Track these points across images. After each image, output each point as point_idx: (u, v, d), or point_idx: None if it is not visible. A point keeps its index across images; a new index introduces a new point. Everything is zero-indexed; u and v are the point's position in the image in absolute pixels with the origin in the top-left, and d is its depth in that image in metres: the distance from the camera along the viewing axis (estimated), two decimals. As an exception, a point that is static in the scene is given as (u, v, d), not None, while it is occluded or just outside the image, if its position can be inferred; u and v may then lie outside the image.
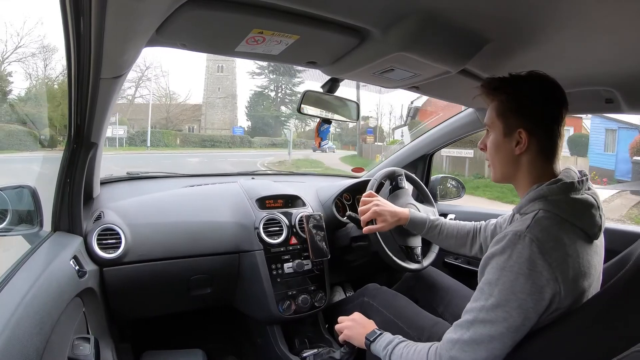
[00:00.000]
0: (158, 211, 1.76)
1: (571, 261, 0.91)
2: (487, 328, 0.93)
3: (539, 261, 0.88)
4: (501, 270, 0.92)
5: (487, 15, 0.93)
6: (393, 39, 1.01)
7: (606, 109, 1.56)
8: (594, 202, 0.98)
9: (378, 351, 1.18)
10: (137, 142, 27.80)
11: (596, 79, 1.34)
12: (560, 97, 1.01)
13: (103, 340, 1.43)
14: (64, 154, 1.35)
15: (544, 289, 0.89)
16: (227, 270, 1.80)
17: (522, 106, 1.02)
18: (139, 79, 29.83)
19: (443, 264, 2.23)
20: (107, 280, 1.52)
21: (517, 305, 0.90)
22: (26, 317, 0.86)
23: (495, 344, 0.93)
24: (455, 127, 2.17)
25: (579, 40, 1.03)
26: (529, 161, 1.04)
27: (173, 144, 30.67)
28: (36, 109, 21.15)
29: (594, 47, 1.07)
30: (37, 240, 1.28)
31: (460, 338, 0.97)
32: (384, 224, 1.55)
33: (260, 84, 38.57)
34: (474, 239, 1.49)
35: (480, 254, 1.45)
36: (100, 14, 0.77)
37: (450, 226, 1.55)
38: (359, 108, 1.73)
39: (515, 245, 0.91)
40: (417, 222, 1.57)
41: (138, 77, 29.93)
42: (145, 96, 31.64)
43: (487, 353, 0.93)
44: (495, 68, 1.28)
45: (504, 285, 0.91)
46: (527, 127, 1.02)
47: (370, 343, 1.22)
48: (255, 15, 0.91)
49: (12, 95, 23.52)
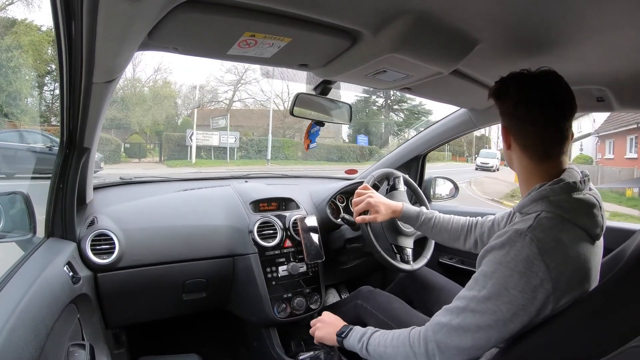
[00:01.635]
0: (152, 216, 1.76)
1: (571, 262, 0.91)
2: (476, 318, 0.94)
3: (536, 262, 0.89)
4: (497, 265, 0.93)
5: (477, 16, 0.94)
6: (384, 40, 1.01)
7: (598, 107, 1.57)
8: (595, 202, 0.99)
9: (353, 346, 1.19)
10: (251, 153, 21.52)
11: (587, 77, 1.35)
12: (535, 97, 0.99)
13: (98, 346, 1.42)
14: (56, 159, 1.34)
15: (537, 290, 0.89)
16: (222, 274, 1.79)
17: (502, 106, 1.05)
18: (237, 82, 25.66)
19: (438, 264, 2.24)
20: (102, 286, 1.51)
21: (508, 301, 0.90)
22: (20, 325, 0.85)
23: (481, 334, 0.94)
24: (449, 128, 2.19)
25: (569, 40, 1.04)
26: (517, 159, 1.06)
27: (294, 156, 23.64)
28: (122, 112, 20.15)
29: (585, 46, 1.08)
30: (31, 246, 1.27)
31: (448, 323, 0.98)
32: (377, 215, 1.58)
33: (366, 90, 35.70)
34: (468, 233, 1.50)
35: (474, 249, 1.47)
36: (91, 17, 0.77)
37: (444, 220, 1.56)
38: (351, 110, 1.73)
39: (515, 243, 0.92)
40: (410, 215, 1.59)
41: (237, 79, 25.62)
42: (244, 100, 27.00)
43: (472, 342, 0.95)
44: (488, 69, 1.29)
45: (498, 280, 0.92)
46: (505, 125, 1.06)
47: (342, 339, 1.23)
48: (247, 18, 0.91)
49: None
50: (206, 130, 19.75)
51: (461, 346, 0.97)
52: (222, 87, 26.06)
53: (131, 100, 21.25)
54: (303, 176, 2.84)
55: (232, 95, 25.90)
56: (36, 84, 16.42)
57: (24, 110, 14.65)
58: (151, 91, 22.44)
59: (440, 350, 0.99)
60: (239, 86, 25.76)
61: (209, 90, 25.11)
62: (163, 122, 21.71)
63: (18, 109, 14.07)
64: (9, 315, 0.84)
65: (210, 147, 19.65)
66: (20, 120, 13.56)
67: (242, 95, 26.44)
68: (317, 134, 1.71)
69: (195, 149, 18.79)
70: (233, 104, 26.12)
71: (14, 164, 10.28)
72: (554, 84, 0.99)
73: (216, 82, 25.91)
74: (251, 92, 27.93)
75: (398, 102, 31.73)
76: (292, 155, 23.48)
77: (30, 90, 15.98)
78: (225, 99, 26.07)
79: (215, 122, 20.58)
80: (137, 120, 20.26)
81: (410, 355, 1.04)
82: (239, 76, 25.15)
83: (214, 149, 19.76)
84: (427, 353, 1.01)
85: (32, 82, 16.11)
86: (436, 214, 1.58)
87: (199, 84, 24.88)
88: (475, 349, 0.97)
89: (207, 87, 25.09)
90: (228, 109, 24.77)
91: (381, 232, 1.75)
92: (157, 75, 23.67)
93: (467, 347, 0.96)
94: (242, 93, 26.43)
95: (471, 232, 1.49)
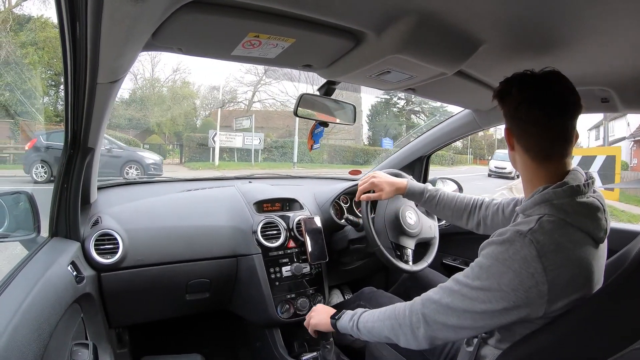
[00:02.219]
0: (155, 216, 1.76)
1: (572, 265, 0.90)
2: (465, 303, 0.95)
3: (533, 263, 0.88)
4: (494, 260, 0.93)
5: (481, 16, 0.93)
6: (388, 41, 1.01)
7: (602, 108, 1.57)
8: (599, 206, 0.98)
9: (345, 326, 1.21)
10: (276, 155, 20.41)
11: (591, 78, 1.34)
12: (537, 98, 0.99)
13: (101, 346, 1.43)
14: (60, 159, 1.35)
15: (531, 290, 0.88)
16: (225, 274, 1.79)
17: (505, 107, 1.05)
18: (257, 83, 24.51)
19: (441, 265, 2.23)
20: (105, 285, 1.51)
21: (500, 297, 0.90)
22: (24, 324, 0.86)
23: (467, 317, 0.95)
24: (453, 129, 2.18)
25: (573, 41, 1.04)
26: (520, 160, 1.06)
27: (319, 159, 22.15)
28: (141, 112, 19.91)
29: (588, 48, 1.08)
30: (35, 246, 1.28)
31: (439, 300, 1.00)
32: (381, 193, 1.60)
33: (387, 92, 34.84)
34: (472, 213, 1.49)
35: (476, 229, 1.48)
36: (95, 18, 0.77)
37: (448, 197, 1.56)
38: (355, 111, 1.73)
39: (514, 242, 0.91)
40: (414, 191, 1.60)
41: (257, 80, 24.31)
42: (263, 101, 25.50)
43: (458, 321, 0.96)
44: (492, 69, 1.28)
45: (493, 275, 0.92)
46: (508, 126, 1.06)
47: (335, 321, 1.25)
48: (251, 19, 0.91)
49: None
50: (228, 131, 19.11)
51: (447, 323, 0.98)
52: (242, 87, 25.57)
53: (150, 100, 21.08)
54: (307, 177, 2.84)
55: (251, 95, 25.19)
56: (52, 82, 16.42)
57: (38, 109, 14.66)
58: (170, 91, 22.17)
59: (426, 322, 1.01)
60: (258, 87, 25.03)
61: (228, 91, 24.60)
62: (182, 123, 21.41)
63: (33, 108, 14.09)
64: (13, 314, 0.85)
65: (233, 149, 19.04)
66: (35, 120, 13.59)
67: (262, 96, 25.46)
68: (321, 135, 1.71)
69: (218, 151, 18.22)
70: (252, 105, 25.36)
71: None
72: (556, 84, 0.98)
73: (236, 82, 25.39)
74: (271, 92, 26.67)
75: (419, 104, 31.16)
76: (317, 158, 22.21)
77: (47, 88, 16.02)
78: (245, 100, 25.39)
79: (239, 122, 20.01)
80: (155, 120, 20.03)
81: (395, 326, 1.06)
82: (259, 77, 24.34)
83: (237, 150, 19.21)
84: (411, 325, 1.03)
85: (48, 80, 16.13)
86: (441, 191, 1.59)
87: (219, 85, 24.48)
88: (461, 328, 0.97)
89: (227, 88, 24.63)
90: (248, 110, 24.22)
91: (383, 229, 1.75)
92: (176, 75, 23.34)
93: (452, 325, 0.97)
94: (262, 94, 25.34)
95: (475, 212, 1.49)
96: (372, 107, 29.58)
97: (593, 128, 20.20)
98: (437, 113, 29.97)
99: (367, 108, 29.56)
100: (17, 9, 14.67)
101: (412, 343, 1.04)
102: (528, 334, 0.96)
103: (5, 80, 12.75)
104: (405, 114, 31.52)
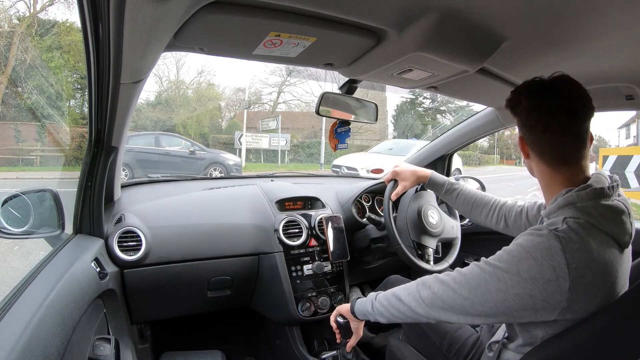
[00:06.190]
0: (178, 214, 1.78)
1: (595, 268, 0.88)
2: (482, 277, 0.97)
3: (557, 257, 0.87)
4: (519, 246, 0.93)
5: (503, 13, 0.92)
6: (409, 38, 1.00)
7: (627, 105, 1.53)
8: (624, 209, 0.95)
9: (365, 304, 1.27)
10: (302, 157, 20.29)
11: (615, 75, 1.31)
12: (545, 105, 0.98)
13: (123, 341, 1.45)
14: (84, 158, 1.37)
15: (550, 284, 0.87)
16: (247, 272, 1.81)
17: (516, 117, 1.05)
18: (282, 83, 24.46)
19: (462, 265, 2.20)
20: (128, 282, 1.54)
21: (516, 281, 0.90)
22: (48, 318, 0.87)
23: (478, 293, 0.96)
24: (475, 127, 2.15)
25: (597, 36, 1.01)
26: (536, 167, 1.06)
27: None
28: (166, 114, 20.09)
29: (613, 44, 1.05)
30: (59, 242, 1.31)
31: (458, 270, 1.05)
32: (405, 183, 1.64)
33: (413, 91, 34.33)
34: (492, 210, 1.49)
35: (495, 226, 1.49)
36: (118, 19, 0.78)
37: (469, 193, 1.57)
38: (377, 109, 1.72)
39: (540, 235, 0.91)
40: (437, 182, 1.62)
41: (281, 81, 24.29)
42: (288, 102, 25.33)
43: (469, 294, 0.98)
44: (514, 67, 1.26)
45: (514, 258, 0.92)
46: (521, 135, 1.06)
47: (354, 304, 1.31)
48: (272, 18, 0.91)
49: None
50: (254, 133, 18.86)
51: (457, 291, 1.01)
52: (266, 88, 25.45)
53: (175, 102, 21.27)
54: (329, 175, 2.84)
55: (276, 97, 25.12)
56: (78, 85, 16.72)
57: (64, 111, 14.95)
58: (195, 93, 22.32)
59: (439, 281, 1.06)
60: (283, 87, 24.96)
61: (253, 93, 24.68)
62: (207, 125, 21.56)
63: (60, 111, 14.38)
64: (37, 308, 0.86)
65: (259, 150, 19.02)
66: (62, 122, 13.87)
67: (287, 97, 25.40)
68: (347, 135, 1.70)
69: (245, 152, 18.05)
70: (277, 106, 25.29)
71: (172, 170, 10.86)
72: (564, 89, 0.97)
73: (260, 84, 25.16)
74: (296, 93, 26.60)
75: (445, 103, 30.79)
76: (343, 159, 21.89)
77: (73, 91, 16.35)
78: (270, 101, 25.36)
79: (265, 123, 19.74)
80: (181, 122, 20.14)
81: (409, 287, 1.14)
82: (283, 78, 24.25)
83: (263, 151, 19.20)
84: (423, 283, 1.10)
85: (74, 84, 16.45)
86: (463, 185, 1.60)
87: (244, 86, 24.42)
88: (469, 303, 0.98)
89: (252, 89, 24.68)
90: (273, 111, 24.22)
91: (405, 228, 1.74)
92: (201, 77, 23.56)
93: (462, 296, 0.99)
94: (287, 95, 25.28)
95: (495, 210, 1.49)
96: (397, 107, 29.06)
97: (623, 126, 19.63)
98: (461, 112, 29.51)
99: (392, 108, 29.10)
100: (42, 14, 14.99)
101: (414, 305, 1.09)
102: (549, 339, 0.94)
103: (32, 83, 13.04)
104: (430, 113, 31.03)
